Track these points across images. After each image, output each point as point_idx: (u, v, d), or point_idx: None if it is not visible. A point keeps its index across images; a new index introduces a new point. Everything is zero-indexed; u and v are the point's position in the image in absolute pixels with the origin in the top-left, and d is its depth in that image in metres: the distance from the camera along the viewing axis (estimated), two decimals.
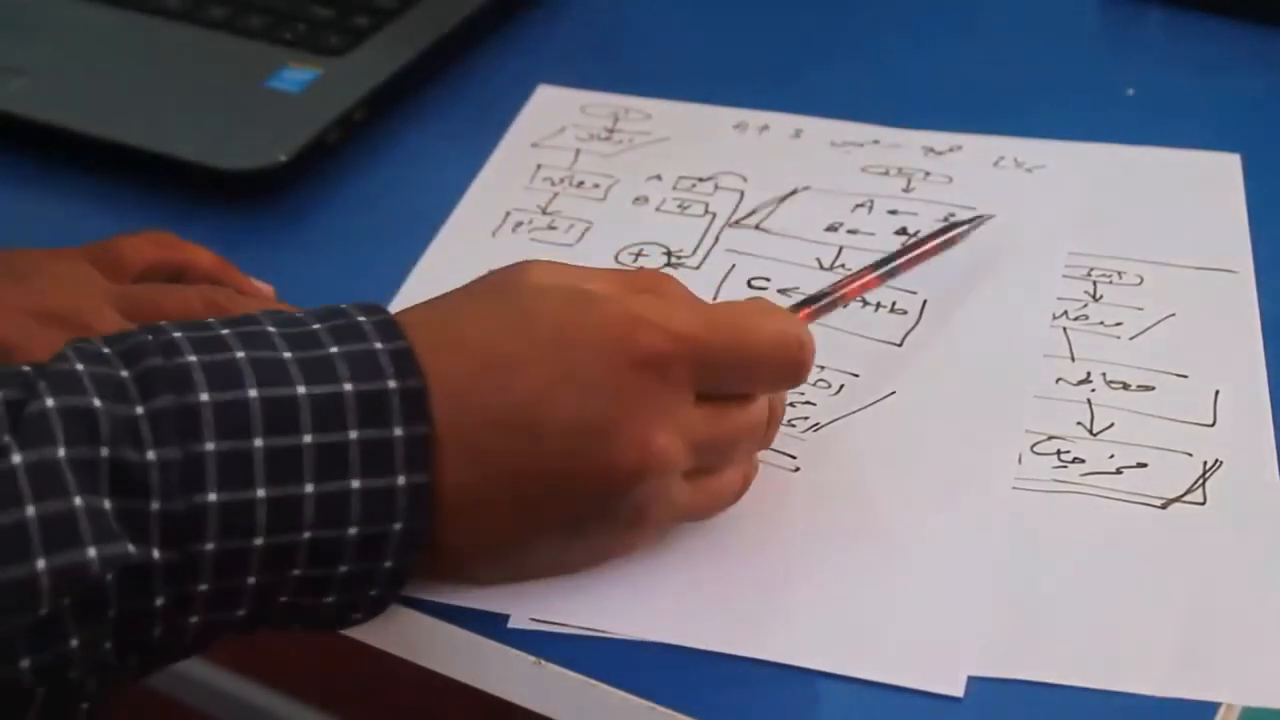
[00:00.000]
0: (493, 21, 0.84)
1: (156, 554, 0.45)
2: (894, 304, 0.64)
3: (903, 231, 0.68)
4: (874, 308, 0.64)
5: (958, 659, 0.50)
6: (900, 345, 0.63)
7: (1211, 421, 0.59)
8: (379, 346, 0.48)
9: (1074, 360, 0.62)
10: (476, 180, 0.73)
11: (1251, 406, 0.59)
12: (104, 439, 0.44)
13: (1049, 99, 0.77)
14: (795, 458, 0.58)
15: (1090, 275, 0.66)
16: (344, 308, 0.50)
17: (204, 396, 0.46)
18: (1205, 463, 0.57)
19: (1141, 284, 0.65)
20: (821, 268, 0.67)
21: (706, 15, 0.86)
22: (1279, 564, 0.53)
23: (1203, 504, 0.55)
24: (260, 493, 0.46)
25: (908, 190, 0.71)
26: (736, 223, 0.70)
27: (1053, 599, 0.52)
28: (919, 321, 0.64)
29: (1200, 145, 0.73)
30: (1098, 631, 0.51)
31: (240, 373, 0.47)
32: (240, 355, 0.47)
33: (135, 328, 0.49)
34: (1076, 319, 0.63)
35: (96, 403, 0.45)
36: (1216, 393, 0.60)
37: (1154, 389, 0.60)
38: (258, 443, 0.46)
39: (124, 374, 0.46)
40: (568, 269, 0.52)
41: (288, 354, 0.47)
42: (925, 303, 0.65)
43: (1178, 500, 0.56)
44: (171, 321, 0.48)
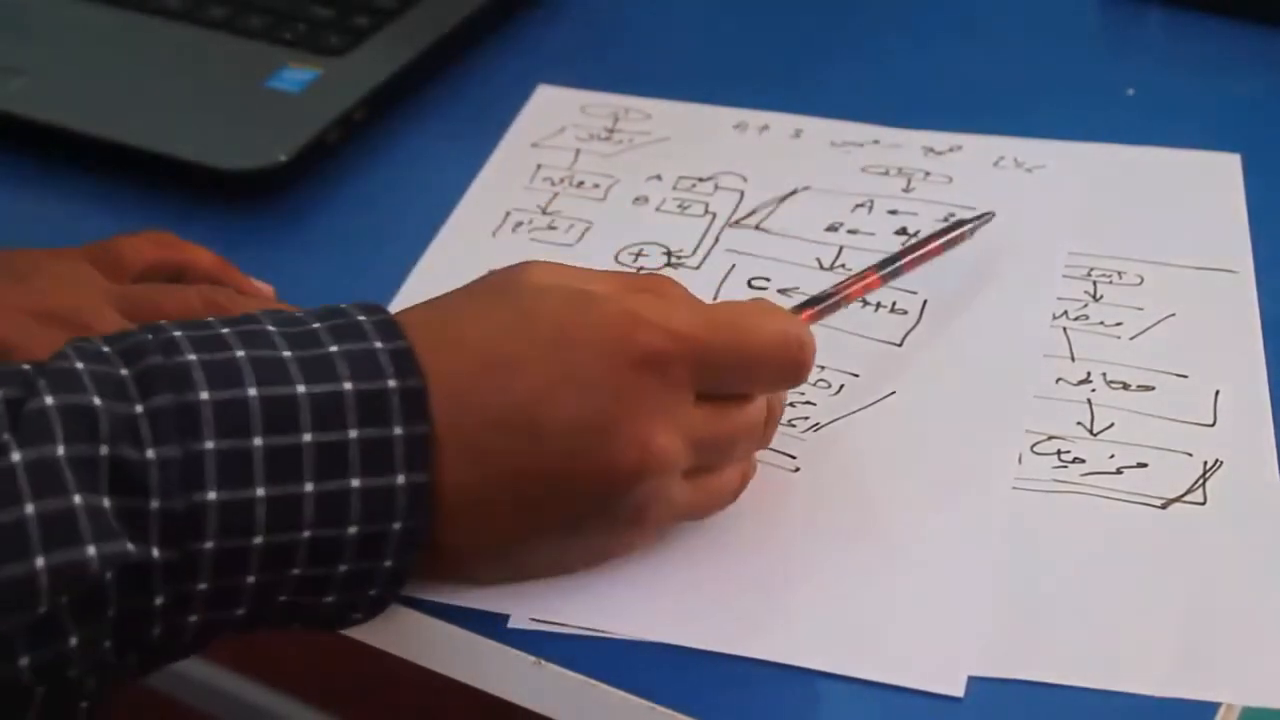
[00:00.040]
0: (493, 21, 0.84)
1: (156, 553, 0.45)
2: (894, 304, 0.64)
3: (903, 231, 0.68)
4: (874, 308, 0.64)
5: (958, 659, 0.50)
6: (900, 345, 0.63)
7: (1211, 421, 0.59)
8: (379, 346, 0.48)
9: (1074, 360, 0.62)
10: (476, 180, 0.73)
11: (1251, 406, 0.59)
12: (103, 437, 0.44)
13: (1049, 99, 0.77)
14: (795, 458, 0.57)
15: (1090, 275, 0.66)
16: (344, 307, 0.50)
17: (204, 395, 0.46)
18: (1205, 463, 0.57)
19: (1141, 284, 0.65)
20: (821, 268, 0.67)
21: (706, 15, 0.86)
22: (1279, 564, 0.53)
23: (1203, 504, 0.55)
24: (260, 491, 0.46)
25: (908, 190, 0.71)
26: (736, 223, 0.70)
27: (1053, 599, 0.52)
28: (919, 321, 0.64)
29: (1200, 145, 0.73)
30: (1098, 631, 0.51)
31: (240, 371, 0.47)
32: (240, 354, 0.47)
33: (135, 327, 0.49)
34: (1076, 319, 0.63)
35: (96, 401, 0.45)
36: (1216, 393, 0.60)
37: (1154, 389, 0.60)
38: (257, 441, 0.46)
39: (124, 372, 0.46)
40: (568, 269, 0.52)
41: (287, 353, 0.47)
42: (925, 303, 0.64)
43: (1178, 500, 0.55)
44: (171, 321, 0.49)
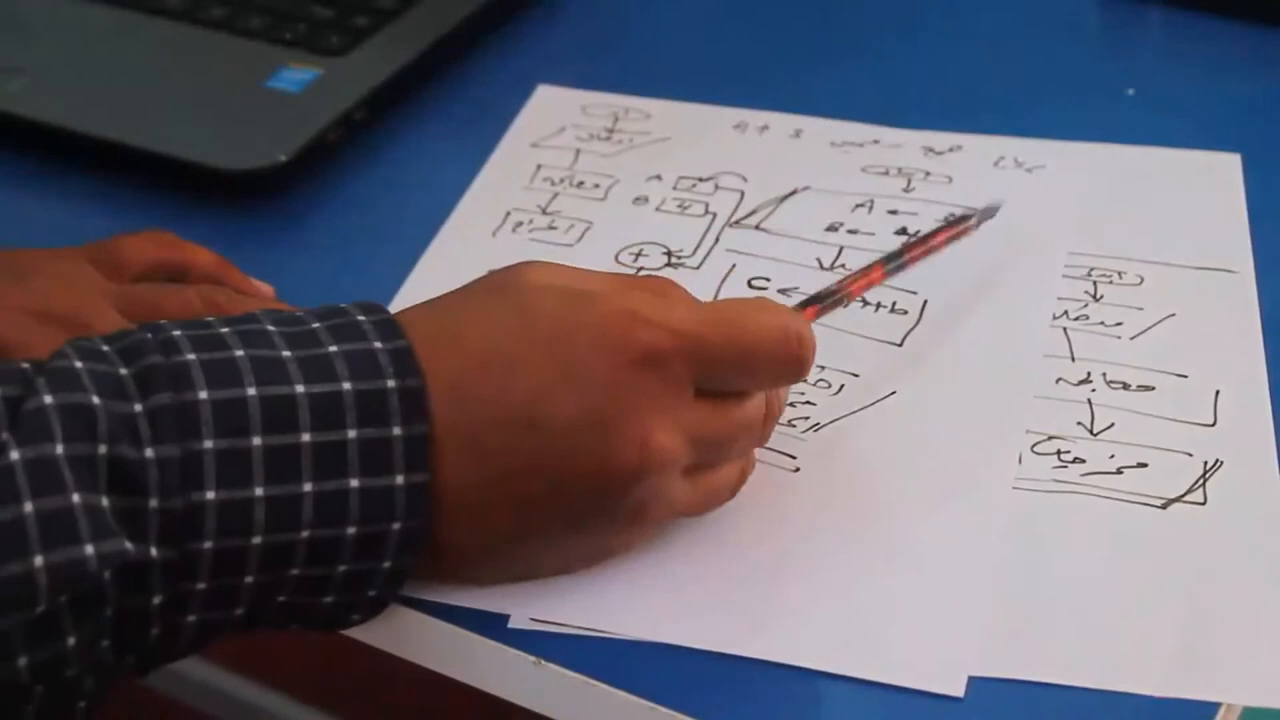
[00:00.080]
0: (493, 21, 0.84)
1: (154, 552, 0.45)
2: (894, 304, 0.64)
3: (903, 231, 0.68)
4: (874, 308, 0.64)
5: (958, 659, 0.50)
6: (900, 345, 0.63)
7: (1212, 421, 0.59)
8: (378, 346, 0.48)
9: (1074, 360, 0.61)
10: (476, 180, 0.73)
11: (1251, 406, 0.59)
12: (102, 436, 0.44)
13: (1049, 99, 0.77)
14: (795, 458, 0.57)
15: (1090, 275, 0.66)
16: (343, 307, 0.50)
17: (202, 394, 0.46)
18: (1205, 463, 0.57)
19: (1142, 284, 0.65)
20: (821, 268, 0.67)
21: (706, 15, 0.86)
22: (1279, 564, 0.53)
23: (1203, 504, 0.55)
24: (259, 491, 0.46)
25: (908, 190, 0.71)
26: (737, 223, 0.70)
27: (1053, 599, 0.52)
28: (919, 321, 0.64)
29: (1200, 145, 0.73)
30: (1098, 631, 0.51)
31: (239, 371, 0.47)
32: (239, 353, 0.47)
33: (135, 327, 0.49)
34: (1077, 319, 0.63)
35: (95, 400, 0.45)
36: (1217, 393, 0.60)
37: (1154, 389, 0.60)
38: (256, 441, 0.46)
39: (123, 371, 0.46)
40: (566, 269, 0.52)
41: (287, 352, 0.47)
42: (925, 303, 0.64)
43: (1178, 500, 0.55)
44: (171, 320, 0.49)
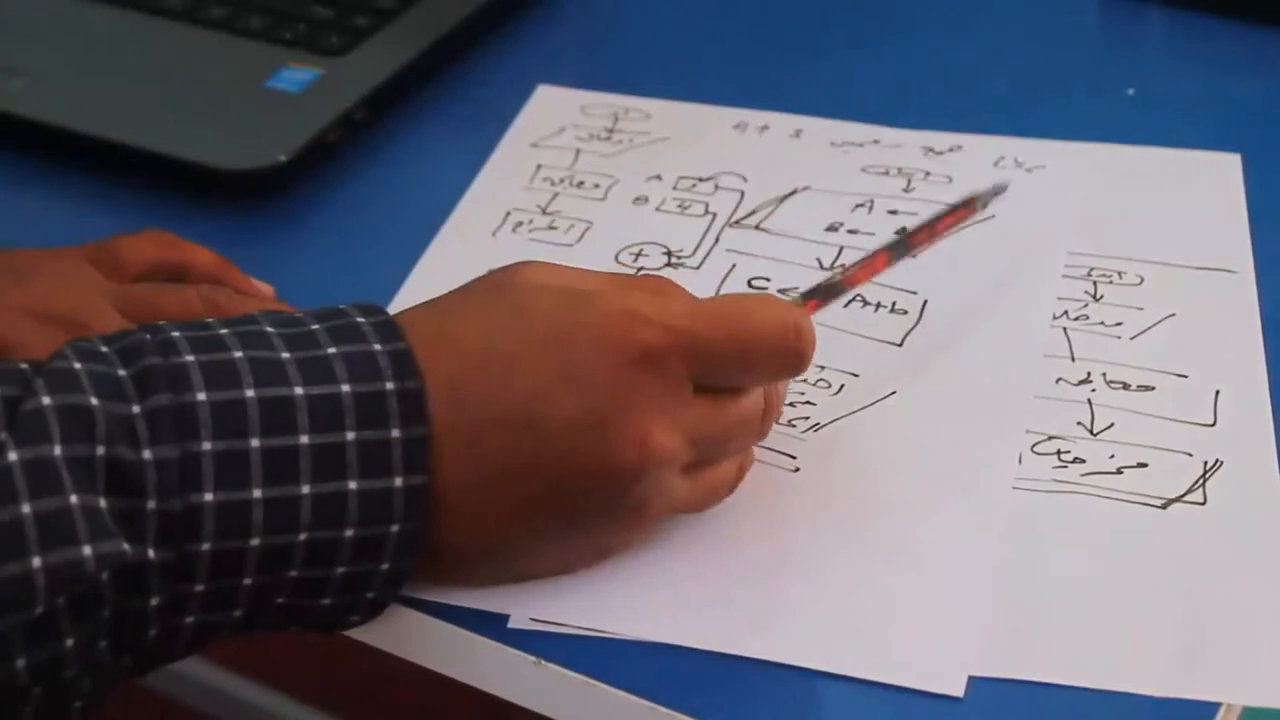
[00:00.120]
0: (493, 21, 0.84)
1: (152, 553, 0.45)
2: (894, 304, 0.64)
3: (903, 231, 0.68)
4: (874, 307, 0.64)
5: (958, 659, 0.50)
6: (900, 345, 0.63)
7: (1212, 421, 0.58)
8: (378, 348, 0.48)
9: (1074, 360, 0.61)
10: (476, 180, 0.73)
11: (1251, 406, 0.59)
12: (100, 437, 0.44)
13: (1049, 99, 0.77)
14: (795, 458, 0.57)
15: (1090, 275, 0.66)
16: (343, 308, 0.50)
17: (201, 396, 0.46)
18: (1205, 463, 0.57)
19: (1141, 284, 0.65)
20: (821, 268, 0.67)
21: (706, 15, 0.86)
22: (1279, 564, 0.53)
23: (1203, 504, 0.55)
24: (257, 493, 0.46)
25: (908, 190, 0.71)
26: (737, 223, 0.70)
27: (1053, 599, 0.52)
28: (919, 321, 0.64)
29: (1200, 145, 0.73)
30: (1098, 631, 0.51)
31: (238, 372, 0.46)
32: (238, 355, 0.47)
33: (134, 327, 0.49)
34: (1077, 319, 0.63)
35: (93, 401, 0.45)
36: (1217, 393, 0.60)
37: (1154, 389, 0.60)
38: (254, 443, 0.46)
39: (121, 372, 0.46)
40: (563, 269, 0.52)
41: (286, 354, 0.47)
42: (925, 303, 0.64)
43: (1178, 500, 0.55)
44: (170, 321, 0.48)
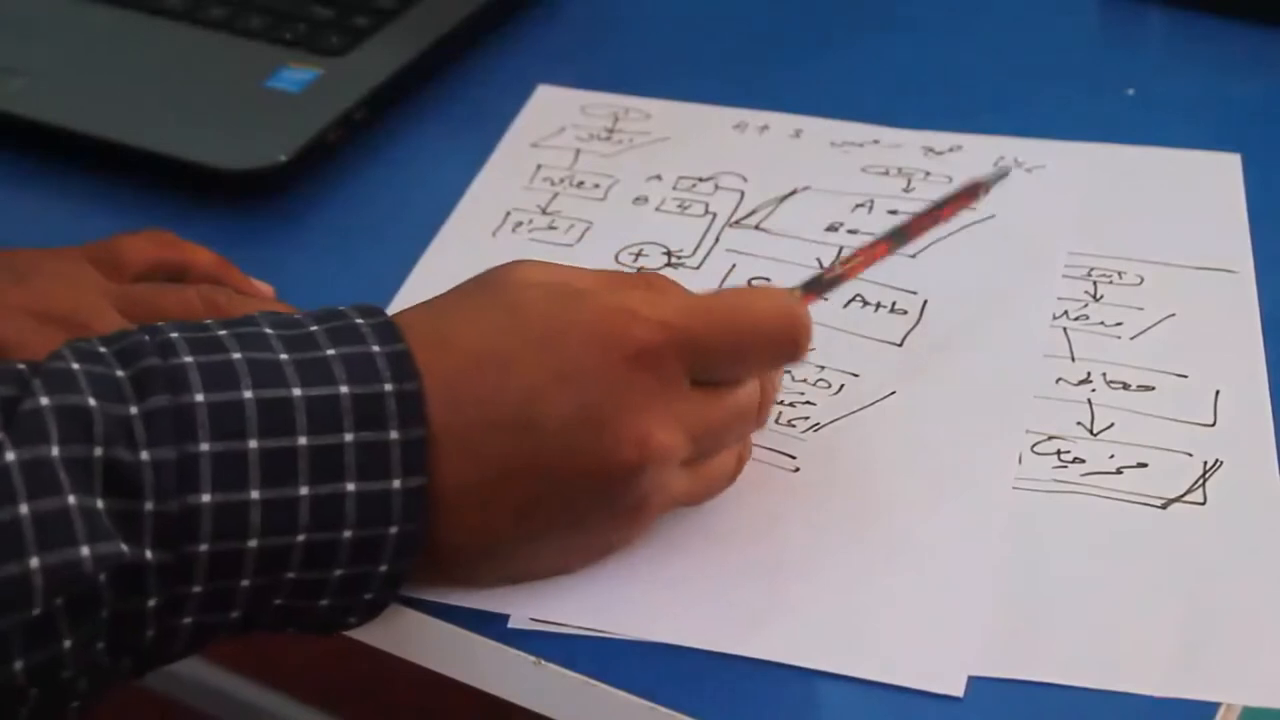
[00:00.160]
0: (492, 21, 0.84)
1: (150, 554, 0.45)
2: (894, 304, 0.64)
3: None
4: (874, 307, 0.64)
5: (958, 659, 0.50)
6: (900, 345, 0.63)
7: (1212, 421, 0.58)
8: (376, 349, 0.48)
9: (1074, 360, 0.61)
10: (476, 180, 0.73)
11: (1251, 406, 0.59)
12: (98, 438, 0.44)
13: (1049, 99, 0.77)
14: (795, 458, 0.57)
15: (1090, 275, 0.66)
16: (342, 310, 0.50)
17: (199, 397, 0.46)
18: (1205, 463, 0.57)
19: (1141, 284, 0.65)
20: (821, 268, 0.66)
21: (706, 15, 0.86)
22: (1279, 564, 0.53)
23: (1203, 504, 0.55)
24: (254, 494, 0.46)
25: (908, 190, 0.71)
26: (737, 223, 0.70)
27: (1053, 599, 0.52)
28: (919, 321, 0.64)
29: (1200, 145, 0.73)
30: (1098, 631, 0.51)
31: (236, 374, 0.46)
32: (236, 356, 0.47)
33: (134, 327, 0.49)
34: (1077, 319, 0.63)
35: (91, 402, 0.45)
36: (1216, 393, 0.60)
37: (1154, 389, 0.60)
38: (252, 444, 0.46)
39: (119, 373, 0.46)
40: (556, 267, 0.52)
41: (284, 355, 0.47)
42: (925, 303, 0.64)
43: (1178, 500, 0.55)
44: (169, 322, 0.48)
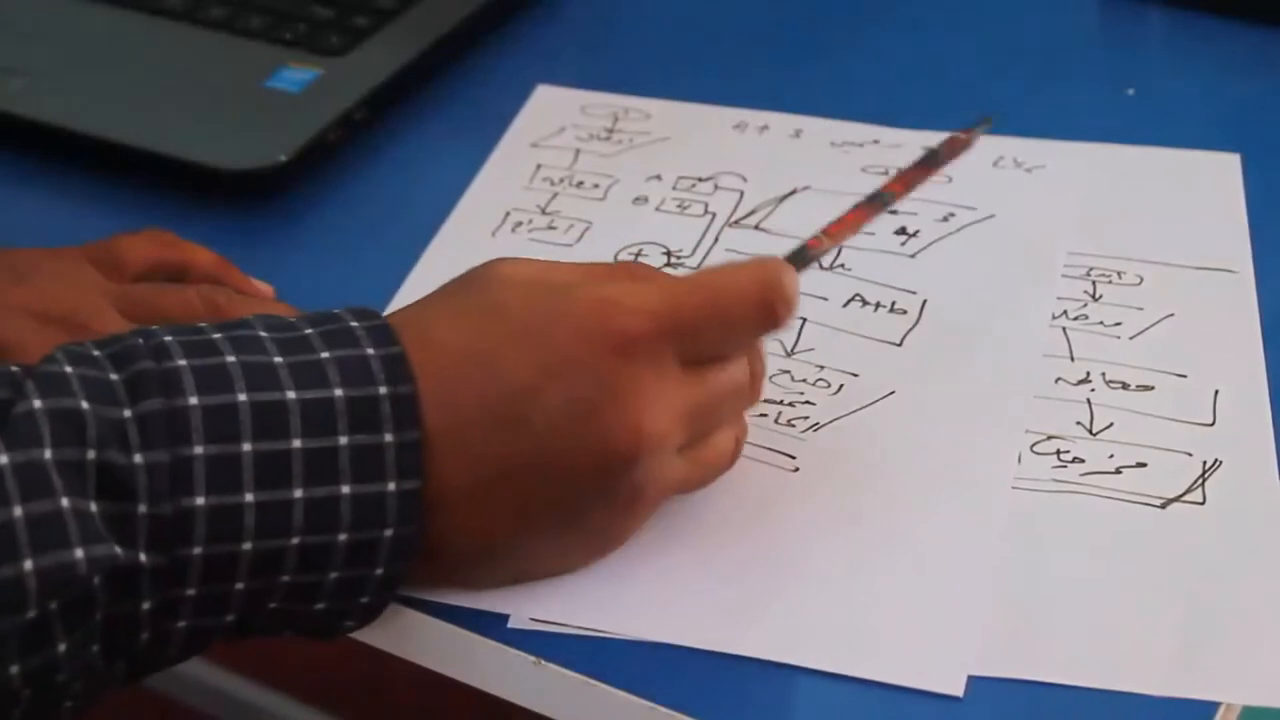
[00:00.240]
0: (493, 21, 0.84)
1: (143, 557, 0.45)
2: (893, 304, 0.64)
3: (902, 231, 0.68)
4: (873, 307, 0.64)
5: (958, 658, 0.50)
6: (900, 345, 0.63)
7: (1211, 421, 0.59)
8: (370, 352, 0.48)
9: (1073, 360, 0.62)
10: (476, 180, 0.73)
11: (1251, 406, 0.59)
12: (91, 441, 0.44)
13: (1049, 99, 0.77)
14: (795, 458, 0.57)
15: (1090, 275, 0.66)
16: (337, 312, 0.50)
17: (193, 400, 0.46)
18: (1205, 462, 0.57)
19: (1141, 284, 0.65)
20: (821, 268, 0.67)
21: (706, 15, 0.86)
22: (1279, 564, 0.53)
23: (1202, 504, 0.55)
24: (249, 497, 0.46)
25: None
26: (736, 223, 0.70)
27: (1052, 599, 0.52)
28: (919, 321, 0.64)
29: (1200, 145, 0.73)
30: (1097, 631, 0.51)
31: (230, 377, 0.46)
32: (230, 359, 0.47)
33: (135, 327, 0.49)
34: (1076, 319, 0.63)
35: (84, 405, 0.45)
36: (1216, 392, 0.60)
37: (1153, 389, 0.60)
38: (246, 447, 0.46)
39: (113, 377, 0.46)
40: (537, 263, 0.52)
41: (279, 358, 0.47)
42: (925, 303, 0.64)
43: (1177, 500, 0.55)
44: (163, 325, 0.48)
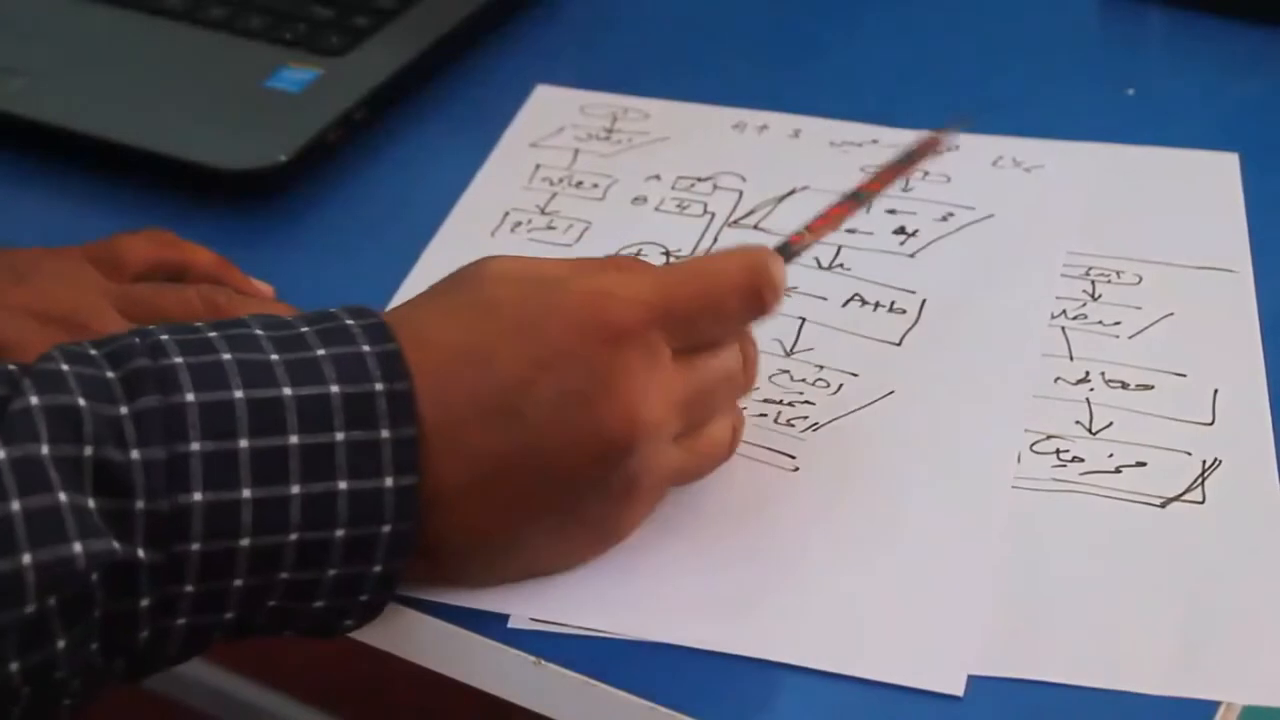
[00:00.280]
0: (492, 21, 0.84)
1: (141, 553, 0.45)
2: (893, 303, 0.64)
3: (901, 231, 0.68)
4: (873, 307, 0.64)
5: (958, 658, 0.50)
6: (899, 345, 0.63)
7: (1210, 421, 0.59)
8: (366, 349, 0.48)
9: (1073, 359, 0.62)
10: (475, 180, 0.73)
11: (1250, 406, 0.59)
12: (88, 438, 0.44)
13: (1049, 99, 0.77)
14: (795, 458, 0.58)
15: (1089, 274, 0.66)
16: (333, 311, 0.50)
17: (189, 397, 0.46)
18: (1204, 462, 0.57)
19: (1140, 283, 0.65)
20: (820, 267, 0.67)
21: (706, 15, 0.86)
22: (1278, 563, 0.53)
23: (1202, 503, 0.55)
24: (246, 493, 0.46)
25: (906, 190, 0.71)
26: (735, 223, 0.70)
27: (1052, 598, 0.52)
28: (918, 321, 0.64)
29: (1200, 145, 0.72)
30: (1098, 631, 0.51)
31: (226, 374, 0.47)
32: (227, 357, 0.47)
33: (134, 328, 0.49)
34: (1075, 318, 0.63)
35: (81, 401, 0.45)
36: (1215, 392, 0.60)
37: (1153, 388, 0.60)
38: (243, 443, 0.46)
39: (109, 374, 0.46)
40: (527, 259, 0.53)
41: (274, 356, 0.47)
42: (924, 302, 0.64)
43: (1177, 499, 0.56)
44: (159, 325, 0.49)
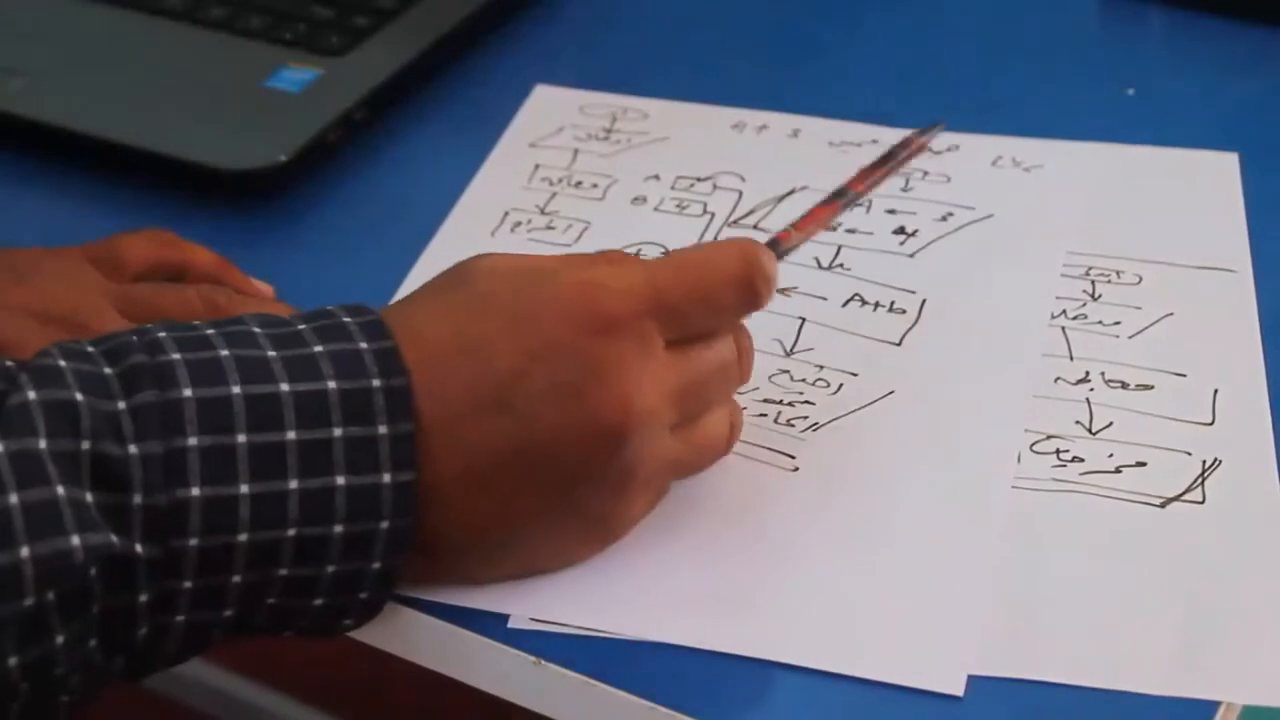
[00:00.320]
0: (492, 21, 0.84)
1: (139, 548, 0.45)
2: (892, 303, 0.64)
3: (901, 231, 0.68)
4: (873, 307, 0.64)
5: (958, 658, 0.50)
6: (899, 345, 0.63)
7: (1210, 420, 0.59)
8: (363, 346, 0.48)
9: (1073, 359, 0.62)
10: (475, 180, 0.73)
11: (1250, 405, 0.59)
12: (85, 432, 0.45)
13: (1049, 99, 0.77)
14: (794, 458, 0.58)
15: (1089, 274, 0.66)
16: (330, 309, 0.50)
17: (187, 392, 0.46)
18: (1204, 462, 0.57)
19: (1140, 283, 0.65)
20: (820, 267, 0.67)
21: (705, 15, 0.86)
22: (1278, 563, 0.53)
23: (1202, 503, 0.55)
24: (244, 488, 0.46)
25: (906, 190, 0.71)
26: (735, 222, 0.70)
27: (1052, 598, 0.52)
28: (918, 321, 0.64)
29: (1200, 145, 0.73)
30: (1098, 631, 0.51)
31: (224, 370, 0.47)
32: (224, 353, 0.47)
33: (134, 327, 0.49)
34: (1075, 318, 0.63)
35: (79, 396, 0.45)
36: (1215, 392, 0.60)
37: (1153, 388, 0.60)
38: (240, 439, 0.46)
39: (107, 371, 0.46)
40: (519, 255, 0.53)
41: (272, 352, 0.48)
42: (924, 302, 0.65)
43: (1177, 499, 0.56)
44: (157, 323, 0.49)
